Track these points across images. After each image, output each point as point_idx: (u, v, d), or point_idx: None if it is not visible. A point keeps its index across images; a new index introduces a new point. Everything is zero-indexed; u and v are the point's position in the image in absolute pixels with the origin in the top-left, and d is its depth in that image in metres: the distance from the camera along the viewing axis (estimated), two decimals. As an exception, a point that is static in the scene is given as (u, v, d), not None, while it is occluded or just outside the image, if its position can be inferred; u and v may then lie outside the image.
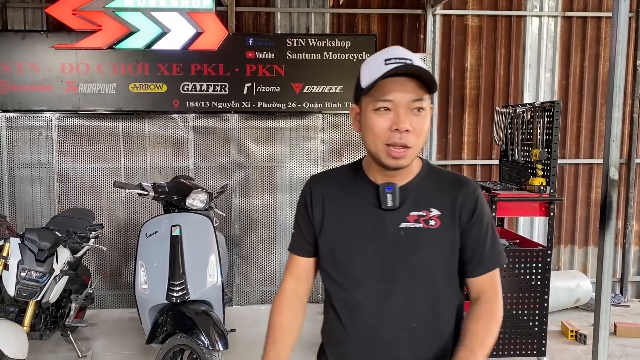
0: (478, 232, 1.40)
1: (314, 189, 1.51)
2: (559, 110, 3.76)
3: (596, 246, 5.47)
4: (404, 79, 1.30)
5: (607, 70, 5.35)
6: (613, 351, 4.12)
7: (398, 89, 1.30)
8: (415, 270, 1.38)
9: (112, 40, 4.64)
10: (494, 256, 1.43)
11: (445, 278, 1.41)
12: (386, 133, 1.32)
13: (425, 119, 1.34)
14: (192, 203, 3.61)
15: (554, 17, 5.38)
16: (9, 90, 4.71)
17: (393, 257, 1.38)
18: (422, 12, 5.21)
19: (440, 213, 1.39)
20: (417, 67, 1.29)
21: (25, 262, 3.29)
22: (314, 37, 4.94)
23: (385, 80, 1.29)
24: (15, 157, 4.95)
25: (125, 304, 5.10)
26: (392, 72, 1.28)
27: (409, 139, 1.31)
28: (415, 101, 1.31)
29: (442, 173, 1.50)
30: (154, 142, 5.05)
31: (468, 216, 1.40)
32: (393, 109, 1.31)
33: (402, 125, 1.29)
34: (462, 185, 1.43)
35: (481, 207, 1.42)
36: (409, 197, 1.41)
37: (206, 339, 3.00)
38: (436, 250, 1.39)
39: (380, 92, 1.31)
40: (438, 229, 1.38)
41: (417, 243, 1.38)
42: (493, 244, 1.43)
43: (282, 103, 4.93)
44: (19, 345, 3.09)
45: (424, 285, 1.37)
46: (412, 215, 1.39)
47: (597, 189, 5.49)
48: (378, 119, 1.32)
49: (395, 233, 1.38)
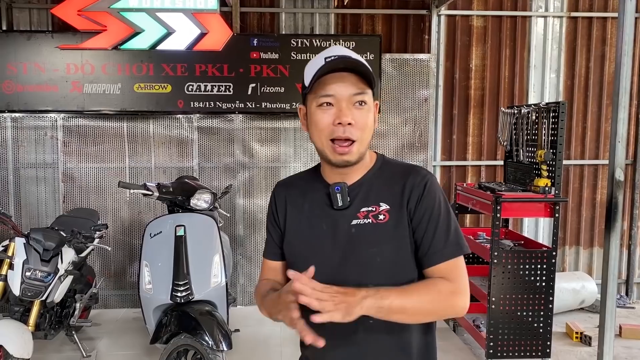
0: (427, 220, 1.36)
1: (277, 194, 1.55)
2: (564, 111, 3.74)
3: (601, 247, 5.45)
4: (344, 74, 1.33)
5: (612, 70, 5.33)
6: (618, 353, 4.10)
7: (338, 83, 1.33)
8: (368, 268, 1.36)
9: (117, 41, 4.65)
10: (447, 245, 1.36)
11: (400, 273, 1.37)
12: (329, 127, 1.34)
13: (368, 113, 1.36)
14: (197, 203, 3.61)
15: (559, 18, 5.36)
16: (15, 91, 4.73)
17: (346, 255, 1.38)
18: (426, 12, 5.20)
19: (389, 207, 1.38)
20: (353, 60, 1.33)
21: (30, 261, 3.29)
22: (319, 38, 4.94)
23: (326, 77, 1.33)
24: (20, 157, 4.97)
25: (129, 304, 5.11)
26: (330, 67, 1.32)
27: (353, 132, 1.33)
28: (356, 95, 1.34)
29: (394, 165, 1.48)
30: (159, 143, 5.06)
31: (414, 203, 1.37)
32: (335, 104, 1.34)
33: (344, 118, 1.32)
34: (410, 174, 1.41)
35: (429, 193, 1.38)
36: (360, 194, 1.41)
37: (210, 339, 3.00)
38: (387, 245, 1.37)
39: (322, 88, 1.34)
40: (386, 224, 1.37)
41: (367, 239, 1.37)
42: (447, 231, 1.37)
43: (286, 103, 4.92)
44: (23, 344, 3.10)
45: (379, 282, 1.32)
46: (362, 211, 1.39)
47: (603, 190, 5.47)
48: (322, 115, 1.35)
49: (347, 231, 1.38)
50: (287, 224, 1.50)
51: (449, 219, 1.39)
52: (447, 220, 1.38)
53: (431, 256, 1.36)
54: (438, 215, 1.37)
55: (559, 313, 4.76)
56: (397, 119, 5.18)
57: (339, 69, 1.34)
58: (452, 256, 1.36)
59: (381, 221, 1.37)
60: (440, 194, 1.41)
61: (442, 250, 1.35)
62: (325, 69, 1.33)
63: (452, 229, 1.38)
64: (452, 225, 1.38)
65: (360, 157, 1.39)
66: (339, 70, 1.34)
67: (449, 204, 1.43)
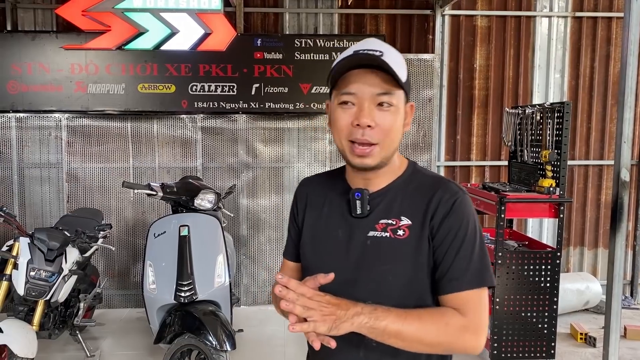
0: (449, 242, 1.22)
1: (300, 192, 1.48)
2: (568, 111, 3.73)
3: (606, 248, 5.44)
4: (369, 71, 1.22)
5: (617, 71, 5.31)
6: (623, 354, 4.08)
7: (361, 81, 1.22)
8: (378, 285, 1.25)
9: (121, 41, 4.66)
10: (467, 273, 1.21)
11: (413, 296, 1.25)
12: (348, 128, 1.23)
13: (394, 115, 1.23)
14: (200, 203, 3.61)
15: (563, 18, 5.35)
16: (19, 91, 4.74)
17: (358, 269, 1.27)
18: (430, 12, 5.19)
19: (411, 222, 1.25)
20: (376, 57, 1.19)
21: (35, 261, 3.30)
22: (322, 38, 4.94)
23: (350, 73, 1.22)
24: (25, 157, 4.98)
25: (133, 304, 5.12)
26: (354, 62, 1.22)
27: (373, 136, 1.22)
28: (380, 95, 1.21)
29: (424, 176, 1.34)
30: (163, 143, 5.06)
31: (438, 221, 1.23)
32: (356, 103, 1.22)
33: (362, 120, 1.20)
34: (439, 187, 1.27)
35: (456, 212, 1.24)
36: (382, 204, 1.30)
37: (214, 339, 3.00)
38: (401, 264, 1.24)
39: (345, 84, 1.23)
40: (405, 241, 1.24)
41: (381, 255, 1.25)
42: (469, 258, 1.22)
43: (290, 104, 4.92)
44: (28, 344, 3.11)
45: (389, 302, 1.19)
46: (381, 223, 1.27)
47: (607, 191, 5.45)
48: (342, 114, 1.24)
49: (362, 242, 1.28)
50: (304, 224, 1.42)
51: (475, 244, 1.24)
52: (472, 246, 1.23)
53: (447, 283, 1.23)
54: (462, 238, 1.23)
55: (564, 314, 4.74)
56: (401, 119, 5.16)
57: (364, 65, 1.22)
58: (470, 286, 1.21)
59: (399, 237, 1.25)
60: (470, 215, 1.26)
61: (460, 278, 1.21)
62: (347, 64, 1.22)
63: (476, 257, 1.23)
64: (477, 252, 1.23)
65: (383, 162, 1.26)
66: (364, 66, 1.22)
67: (480, 228, 1.27)
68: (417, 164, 1.39)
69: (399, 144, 1.29)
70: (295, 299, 1.09)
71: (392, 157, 1.29)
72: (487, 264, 1.25)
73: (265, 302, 5.22)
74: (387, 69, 1.19)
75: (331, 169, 1.63)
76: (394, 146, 1.27)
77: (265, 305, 5.19)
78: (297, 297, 1.09)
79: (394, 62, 1.20)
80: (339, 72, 1.24)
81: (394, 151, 1.28)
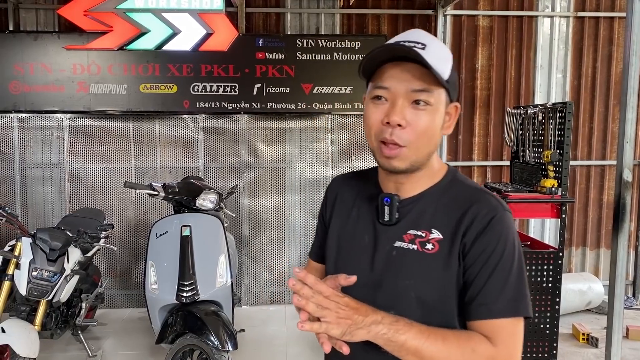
0: (482, 263, 1.10)
1: (331, 189, 1.38)
2: (570, 111, 3.72)
3: (608, 248, 5.43)
4: (407, 65, 1.10)
5: (619, 71, 5.30)
6: (625, 355, 4.07)
7: (396, 75, 1.11)
8: (399, 300, 1.15)
9: (123, 41, 4.67)
10: (500, 299, 1.09)
11: (436, 317, 1.13)
12: (378, 126, 1.13)
13: (430, 116, 1.11)
14: (202, 203, 3.61)
15: (565, 18, 5.34)
16: (22, 91, 4.75)
17: (381, 279, 1.18)
18: (432, 12, 5.19)
19: (442, 237, 1.14)
20: (412, 50, 1.08)
21: (37, 261, 3.30)
22: (324, 38, 4.94)
23: (387, 65, 1.12)
24: (27, 157, 4.99)
25: (135, 304, 5.12)
26: (386, 54, 1.11)
27: (402, 137, 1.10)
28: (416, 91, 1.10)
29: (463, 186, 1.21)
30: (165, 143, 5.07)
31: (471, 238, 1.11)
32: (389, 99, 1.12)
33: (393, 117, 1.09)
34: (476, 201, 1.15)
35: (493, 230, 1.11)
36: (412, 212, 1.19)
37: (216, 339, 3.00)
38: (426, 281, 1.14)
39: (380, 77, 1.13)
40: (433, 256, 1.14)
41: (405, 268, 1.15)
42: (504, 282, 1.09)
43: (291, 104, 4.93)
44: (30, 344, 3.11)
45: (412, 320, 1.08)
46: (410, 234, 1.17)
47: (609, 191, 5.44)
48: (373, 109, 1.14)
49: (388, 252, 1.18)
50: (331, 224, 1.33)
51: (512, 268, 1.10)
52: (509, 270, 1.10)
53: (477, 308, 1.10)
54: (497, 260, 1.10)
55: (566, 314, 4.73)
56: (403, 119, 5.16)
57: (399, 58, 1.10)
58: (503, 314, 1.09)
59: (428, 251, 1.14)
60: (509, 235, 1.12)
61: (491, 305, 1.09)
62: (379, 55, 1.11)
63: (512, 282, 1.10)
64: (513, 276, 1.10)
65: (414, 165, 1.15)
66: (400, 59, 1.10)
67: (520, 251, 1.14)
68: (458, 171, 1.26)
69: (435, 147, 1.18)
70: (310, 295, 1.00)
71: (426, 162, 1.18)
72: (524, 291, 1.12)
73: (267, 302, 5.23)
74: (424, 63, 1.07)
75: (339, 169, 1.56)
76: (428, 150, 1.15)
77: (266, 305, 5.19)
78: (312, 294, 1.00)
79: (436, 56, 1.09)
80: (371, 63, 1.14)
81: (428, 155, 1.17)
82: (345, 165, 5.18)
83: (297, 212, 5.22)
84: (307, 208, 5.22)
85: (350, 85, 4.91)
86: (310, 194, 5.21)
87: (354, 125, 5.14)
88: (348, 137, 5.17)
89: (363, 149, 5.16)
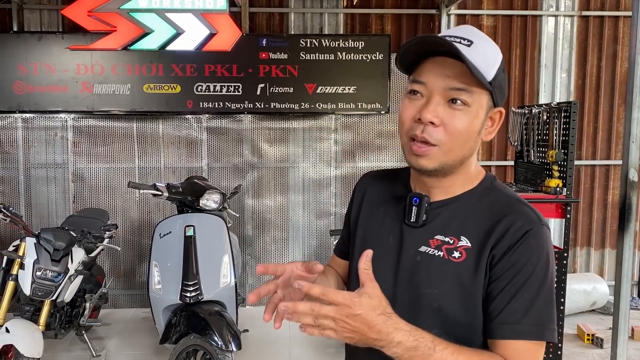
0: (509, 278, 1.03)
1: (359, 186, 1.33)
2: (575, 110, 3.70)
3: (613, 248, 5.40)
4: (448, 61, 1.04)
5: (624, 70, 5.28)
6: (630, 355, 4.05)
7: (435, 70, 1.05)
8: (420, 310, 1.09)
9: (126, 41, 4.67)
10: (525, 320, 1.01)
11: (461, 329, 1.07)
12: (410, 122, 1.08)
13: (466, 116, 1.05)
14: (206, 203, 3.61)
15: (570, 17, 5.31)
16: (25, 91, 4.76)
17: (403, 285, 1.12)
18: (436, 12, 5.17)
19: (471, 245, 1.07)
20: (451, 45, 1.01)
21: (41, 261, 3.31)
22: (328, 38, 4.93)
23: (428, 60, 1.07)
24: (31, 158, 5.00)
25: (139, 304, 5.13)
26: (422, 47, 1.05)
27: (433, 135, 1.05)
28: (454, 90, 1.04)
29: (500, 194, 1.14)
30: (168, 143, 5.07)
31: (501, 251, 1.04)
32: (425, 95, 1.06)
33: (424, 114, 1.04)
34: (512, 212, 1.07)
35: (527, 245, 1.03)
36: (441, 216, 1.13)
37: (219, 339, 3.00)
38: (452, 292, 1.07)
39: (418, 72, 1.08)
40: (460, 265, 1.07)
41: (429, 276, 1.09)
42: (531, 303, 1.01)
43: (295, 104, 4.92)
44: (34, 344, 3.11)
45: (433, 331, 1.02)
46: (436, 239, 1.11)
47: (614, 191, 5.41)
48: (407, 104, 1.09)
49: (412, 256, 1.12)
50: (358, 221, 1.27)
51: (542, 287, 1.03)
52: (538, 288, 1.02)
53: (498, 326, 1.03)
54: (527, 276, 1.02)
55: (570, 315, 4.72)
56: (407, 119, 5.14)
57: (440, 53, 1.05)
58: (526, 336, 1.01)
59: (455, 259, 1.08)
60: (543, 252, 1.05)
61: (515, 325, 1.02)
62: (414, 48, 1.05)
63: (540, 303, 1.02)
64: (543, 296, 1.03)
65: (444, 168, 1.09)
66: (442, 54, 1.05)
67: (553, 271, 1.07)
68: (496, 178, 1.20)
69: (471, 152, 1.11)
70: (308, 311, 0.90)
71: (461, 166, 1.11)
72: (551, 314, 1.04)
73: (271, 303, 5.21)
74: (464, 61, 1.01)
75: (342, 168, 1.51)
76: (462, 153, 1.09)
77: (270, 305, 5.18)
78: (310, 310, 0.90)
79: (481, 55, 1.03)
80: (411, 56, 1.08)
81: (461, 159, 1.10)
82: (349, 166, 5.17)
83: (300, 212, 5.21)
84: (311, 208, 5.22)
85: (354, 85, 4.89)
86: (313, 194, 5.20)
87: (358, 125, 5.13)
88: (352, 137, 5.16)
89: (367, 149, 5.15)
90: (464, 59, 1.00)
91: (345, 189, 5.17)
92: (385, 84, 4.86)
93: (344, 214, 5.39)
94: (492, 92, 1.07)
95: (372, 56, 4.88)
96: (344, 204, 5.14)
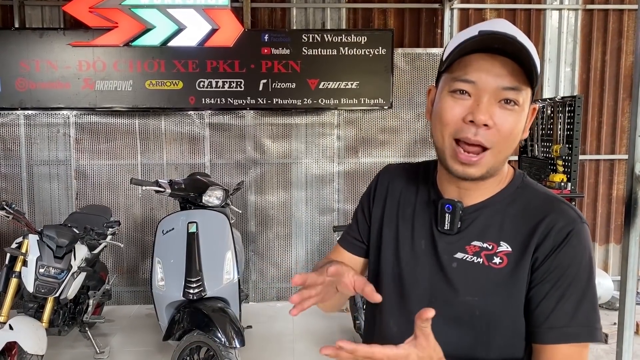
0: (554, 281, 1.00)
1: (381, 180, 1.25)
2: (580, 105, 3.68)
3: (617, 243, 5.38)
4: (498, 59, 0.98)
5: (629, 64, 5.24)
6: (636, 351, 4.03)
7: (487, 69, 0.98)
8: (459, 319, 1.05)
9: (128, 38, 4.66)
10: (574, 323, 0.99)
11: (506, 336, 1.05)
12: (457, 123, 1.00)
13: (517, 117, 1.00)
14: (209, 200, 3.60)
15: (574, 10, 5.28)
16: (27, 88, 4.75)
17: (437, 293, 1.08)
18: (439, 6, 5.14)
19: (511, 250, 1.03)
20: (516, 41, 0.95)
21: (44, 258, 3.31)
22: (330, 33, 4.90)
23: (473, 56, 0.99)
24: (33, 155, 5.00)
25: (142, 301, 5.13)
26: (481, 44, 0.98)
27: (487, 138, 0.99)
28: (506, 89, 0.97)
29: (534, 193, 1.09)
30: (170, 139, 5.06)
31: (545, 253, 1.01)
32: (474, 95, 0.99)
33: (479, 116, 0.97)
34: (552, 211, 1.03)
35: (571, 246, 1.00)
36: (477, 221, 1.08)
37: (223, 336, 2.99)
38: (494, 299, 1.03)
39: (463, 69, 1.00)
40: (501, 271, 1.03)
41: (469, 283, 1.05)
42: (578, 305, 0.99)
43: (297, 99, 4.90)
44: (38, 340, 3.11)
45: (471, 338, 1.03)
46: (474, 245, 1.06)
47: (619, 185, 5.39)
48: (452, 104, 1.01)
49: (447, 264, 1.07)
50: (383, 219, 1.20)
51: (588, 287, 1.01)
52: (584, 290, 1.00)
53: (547, 331, 1.00)
54: (572, 279, 1.00)
55: (575, 310, 4.70)
56: (409, 114, 5.13)
57: (492, 50, 0.98)
58: (577, 339, 0.99)
59: (496, 265, 1.04)
60: (586, 251, 1.02)
61: (564, 329, 0.99)
62: (473, 45, 0.98)
63: (587, 304, 1.00)
64: (587, 298, 1.00)
65: (490, 172, 1.04)
66: (493, 51, 0.98)
67: (594, 268, 1.04)
68: (526, 175, 1.14)
69: (512, 152, 1.08)
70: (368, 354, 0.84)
71: (500, 168, 1.07)
72: (597, 315, 1.02)
73: (274, 299, 5.22)
74: (523, 59, 0.96)
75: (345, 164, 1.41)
76: (508, 154, 1.05)
77: (273, 301, 5.19)
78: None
79: (532, 52, 0.98)
80: (458, 54, 1.01)
81: (505, 160, 1.06)
82: (352, 161, 5.15)
83: (303, 208, 5.20)
84: (314, 204, 5.20)
85: (357, 81, 4.87)
86: (316, 190, 5.19)
87: (361, 121, 5.11)
88: (354, 133, 5.14)
89: (370, 145, 5.13)
90: (531, 58, 0.96)
91: (348, 185, 5.16)
92: (388, 79, 4.84)
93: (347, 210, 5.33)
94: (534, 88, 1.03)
95: (374, 51, 4.85)
96: (347, 200, 5.13)
